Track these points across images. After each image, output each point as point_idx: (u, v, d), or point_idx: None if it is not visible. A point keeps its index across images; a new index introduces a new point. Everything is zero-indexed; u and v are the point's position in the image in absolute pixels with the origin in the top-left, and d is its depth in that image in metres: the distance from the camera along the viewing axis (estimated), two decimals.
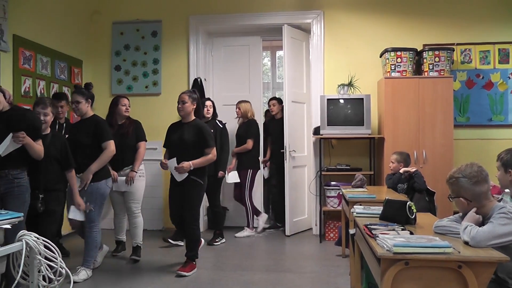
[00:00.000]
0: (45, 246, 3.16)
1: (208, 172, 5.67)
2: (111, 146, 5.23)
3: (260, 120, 7.80)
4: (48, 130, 4.79)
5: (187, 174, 5.25)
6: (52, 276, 3.18)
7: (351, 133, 6.83)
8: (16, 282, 2.96)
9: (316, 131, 7.07)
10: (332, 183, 6.95)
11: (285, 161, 7.16)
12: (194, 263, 5.44)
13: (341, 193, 5.75)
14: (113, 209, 6.11)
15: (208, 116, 6.85)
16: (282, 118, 7.41)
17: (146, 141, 6.01)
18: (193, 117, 5.49)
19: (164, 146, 5.65)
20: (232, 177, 7.15)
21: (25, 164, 4.30)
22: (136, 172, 5.81)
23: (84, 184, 5.02)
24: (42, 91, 6.46)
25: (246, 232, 7.24)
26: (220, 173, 6.84)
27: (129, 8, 7.88)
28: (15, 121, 4.18)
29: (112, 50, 7.93)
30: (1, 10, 5.72)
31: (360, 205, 4.09)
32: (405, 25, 7.28)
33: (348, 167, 6.95)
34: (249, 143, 7.22)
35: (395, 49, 6.76)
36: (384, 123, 6.74)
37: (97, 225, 5.18)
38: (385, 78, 6.76)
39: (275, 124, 7.81)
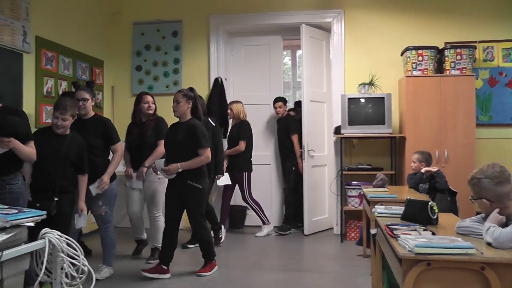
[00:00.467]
0: (68, 244, 3.19)
1: None
2: (121, 148, 5.19)
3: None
4: (68, 131, 4.63)
5: (175, 174, 5.07)
6: (74, 274, 3.21)
7: (372, 133, 6.80)
8: (39, 278, 2.99)
9: (337, 130, 7.04)
10: (353, 182, 6.91)
11: (303, 160, 7.15)
12: (213, 261, 5.38)
13: (362, 192, 5.72)
14: (128, 208, 5.93)
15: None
16: (286, 117, 7.49)
17: None
18: (189, 117, 5.23)
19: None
20: (224, 179, 6.95)
21: (17, 168, 4.08)
22: (147, 168, 5.67)
23: (104, 188, 4.97)
24: (65, 91, 6.52)
25: (265, 229, 7.21)
26: (218, 176, 6.71)
27: (149, 9, 7.92)
28: None
29: (133, 50, 7.98)
30: (24, 12, 5.79)
31: (382, 205, 4.07)
32: (426, 23, 7.21)
33: (369, 167, 6.92)
34: (242, 145, 7.09)
35: (416, 48, 6.70)
36: (405, 122, 6.69)
37: (112, 225, 5.20)
38: (406, 76, 6.70)
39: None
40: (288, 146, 7.41)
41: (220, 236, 6.73)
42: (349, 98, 6.87)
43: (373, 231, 4.41)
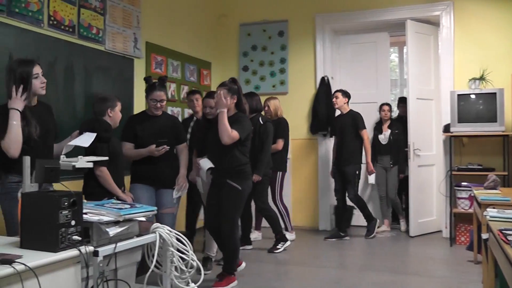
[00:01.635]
0: (177, 239, 3.30)
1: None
2: (186, 148, 5.17)
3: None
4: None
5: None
6: (184, 268, 3.33)
7: (483, 131, 6.50)
8: (150, 270, 3.13)
9: (446, 128, 6.79)
10: (463, 183, 6.63)
11: (409, 159, 6.98)
12: (232, 276, 4.86)
13: (472, 194, 5.50)
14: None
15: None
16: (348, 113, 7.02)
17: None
18: (234, 111, 4.79)
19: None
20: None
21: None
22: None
23: (186, 188, 5.03)
24: (173, 93, 6.78)
25: (288, 236, 6.58)
26: (255, 177, 5.83)
27: (255, 10, 8.04)
28: None
29: (240, 51, 8.14)
30: (135, 20, 6.09)
31: (494, 208, 3.90)
32: None
33: (480, 167, 6.61)
34: (280, 143, 6.65)
35: None
36: None
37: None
38: None
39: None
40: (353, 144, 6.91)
41: (281, 248, 6.27)
42: (458, 95, 6.61)
43: (484, 235, 4.22)
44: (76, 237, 2.61)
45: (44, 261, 2.40)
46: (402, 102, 7.80)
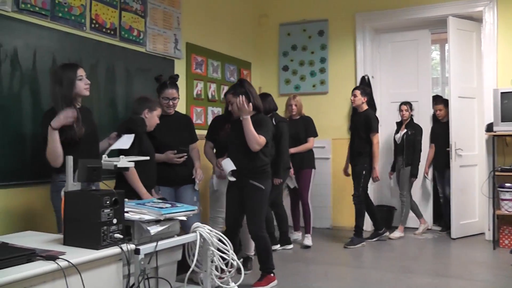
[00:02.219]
0: (218, 239, 3.33)
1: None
2: (197, 146, 5.17)
3: (428, 120, 7.60)
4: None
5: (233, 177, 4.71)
6: (224, 267, 3.35)
7: None
8: (190, 269, 3.16)
9: (489, 127, 6.64)
10: (507, 184, 6.45)
11: (450, 160, 6.86)
12: (271, 275, 4.81)
13: None
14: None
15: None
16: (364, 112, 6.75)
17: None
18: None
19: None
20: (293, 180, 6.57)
21: None
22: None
23: (201, 176, 5.04)
24: (213, 93, 6.83)
25: (309, 240, 6.52)
26: (276, 180, 5.81)
27: (295, 9, 8.03)
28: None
29: (280, 51, 8.14)
30: (175, 21, 6.17)
31: None
32: None
33: None
34: (312, 142, 6.57)
35: None
36: None
37: None
38: None
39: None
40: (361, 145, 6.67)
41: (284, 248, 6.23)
42: (502, 93, 6.42)
43: None
44: (117, 235, 2.66)
45: (87, 258, 2.46)
46: (434, 100, 7.64)
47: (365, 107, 6.72)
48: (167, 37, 6.02)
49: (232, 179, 4.68)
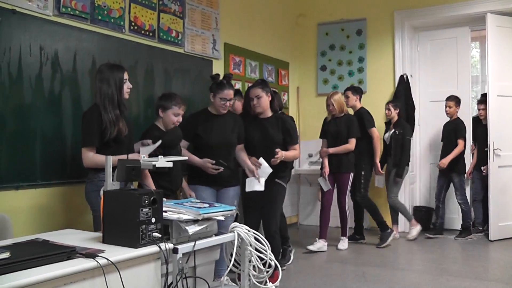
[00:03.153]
0: (256, 239, 3.33)
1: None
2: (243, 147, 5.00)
3: (469, 119, 7.43)
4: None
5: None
6: (261, 267, 3.35)
7: None
8: (228, 269, 3.17)
9: None
10: None
11: (489, 160, 6.71)
12: (277, 271, 4.98)
13: None
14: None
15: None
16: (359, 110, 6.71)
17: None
18: (271, 111, 4.94)
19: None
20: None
21: None
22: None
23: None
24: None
25: (344, 243, 6.48)
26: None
27: (333, 9, 8.00)
28: None
29: (318, 50, 8.12)
30: (214, 22, 6.21)
31: None
32: None
33: None
34: (352, 143, 6.32)
35: None
36: None
37: None
38: None
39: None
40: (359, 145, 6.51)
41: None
42: None
43: None
44: (156, 234, 2.68)
45: (125, 256, 2.48)
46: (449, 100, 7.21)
47: (358, 105, 6.72)
48: (205, 37, 6.06)
49: (262, 187, 4.68)
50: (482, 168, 7.05)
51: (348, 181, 6.38)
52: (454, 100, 7.05)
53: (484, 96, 7.46)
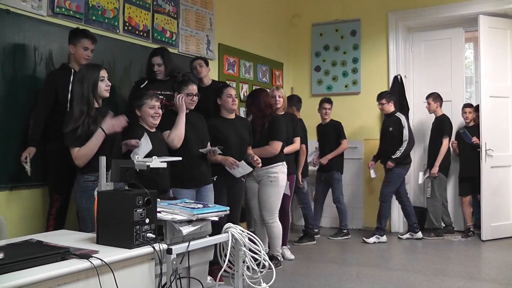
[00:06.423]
0: (249, 239, 3.33)
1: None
2: None
3: (462, 120, 7.40)
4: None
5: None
6: (255, 268, 3.36)
7: None
8: (222, 269, 3.17)
9: None
10: None
11: (481, 160, 6.71)
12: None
13: None
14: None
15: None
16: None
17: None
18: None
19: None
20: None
21: None
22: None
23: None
24: (245, 94, 6.85)
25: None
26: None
27: (328, 9, 8.00)
28: None
29: (312, 51, 8.13)
30: (208, 22, 6.23)
31: None
32: None
33: None
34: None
35: None
36: None
37: None
38: None
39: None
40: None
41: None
42: None
43: None
44: (150, 235, 2.68)
45: (120, 257, 2.49)
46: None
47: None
48: (199, 38, 6.07)
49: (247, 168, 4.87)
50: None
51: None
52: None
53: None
